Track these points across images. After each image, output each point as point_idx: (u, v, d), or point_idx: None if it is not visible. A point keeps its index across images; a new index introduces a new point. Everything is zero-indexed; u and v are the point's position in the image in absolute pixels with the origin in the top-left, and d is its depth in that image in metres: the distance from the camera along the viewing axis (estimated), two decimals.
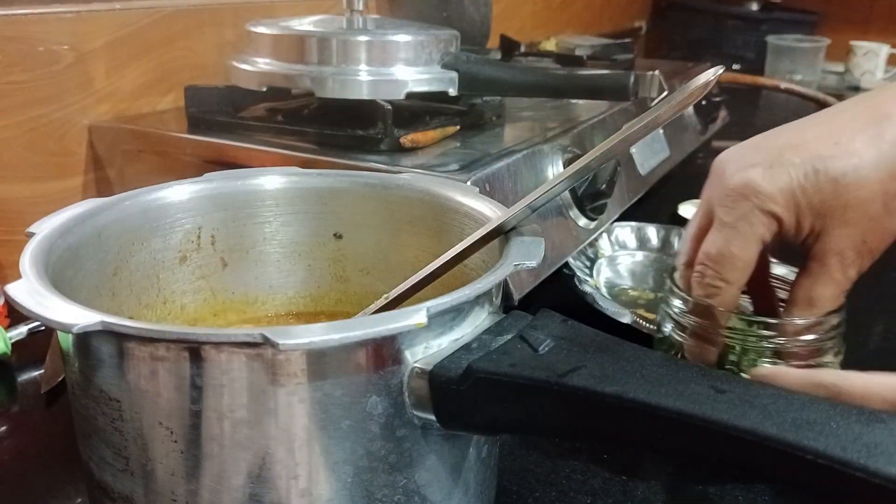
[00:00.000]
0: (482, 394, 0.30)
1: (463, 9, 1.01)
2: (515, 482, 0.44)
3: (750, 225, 0.40)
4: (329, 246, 0.48)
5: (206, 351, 0.29)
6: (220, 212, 0.45)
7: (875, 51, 1.62)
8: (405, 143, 0.61)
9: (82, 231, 0.38)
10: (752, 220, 0.40)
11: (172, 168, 0.67)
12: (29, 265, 0.33)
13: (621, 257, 0.74)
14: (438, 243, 0.42)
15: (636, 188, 0.81)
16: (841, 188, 0.38)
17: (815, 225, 0.40)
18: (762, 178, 0.39)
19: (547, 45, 1.10)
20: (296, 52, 0.65)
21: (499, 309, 0.35)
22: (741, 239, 0.40)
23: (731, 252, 0.40)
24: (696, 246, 0.43)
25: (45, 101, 0.68)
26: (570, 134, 0.70)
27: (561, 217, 0.64)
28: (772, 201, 0.39)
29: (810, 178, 0.39)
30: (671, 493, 0.44)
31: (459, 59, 0.67)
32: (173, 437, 0.30)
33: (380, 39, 0.64)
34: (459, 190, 0.44)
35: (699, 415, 0.26)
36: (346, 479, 0.31)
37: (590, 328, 0.32)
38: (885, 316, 0.67)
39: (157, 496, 0.31)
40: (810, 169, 0.39)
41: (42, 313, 0.29)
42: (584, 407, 0.29)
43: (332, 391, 0.29)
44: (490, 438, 0.36)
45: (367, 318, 0.29)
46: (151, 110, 0.76)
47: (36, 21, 0.66)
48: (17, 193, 0.67)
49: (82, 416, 0.33)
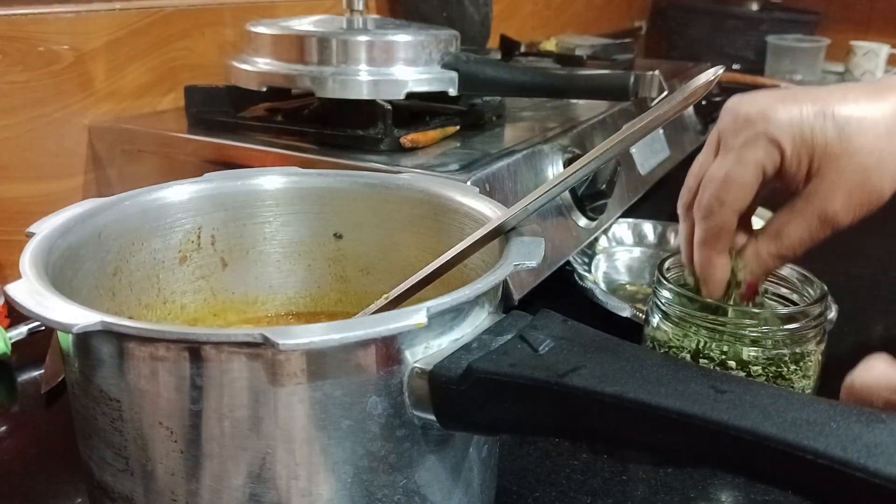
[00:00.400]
0: (482, 394, 0.30)
1: (463, 9, 1.01)
2: (515, 482, 0.44)
3: (753, 149, 0.41)
4: (329, 246, 0.48)
5: (206, 351, 0.29)
6: (220, 212, 0.45)
7: (875, 51, 1.62)
8: (405, 143, 0.61)
9: (82, 231, 0.38)
10: (757, 145, 0.41)
11: (172, 168, 0.67)
12: (29, 265, 0.33)
13: (619, 253, 0.75)
14: (438, 243, 0.42)
15: (636, 188, 0.81)
16: (844, 134, 0.41)
17: (812, 166, 0.41)
18: (774, 108, 0.41)
19: (547, 45, 1.10)
20: (296, 52, 0.65)
21: (499, 309, 0.35)
22: (743, 162, 0.42)
23: (731, 174, 0.42)
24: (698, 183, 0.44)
25: (45, 101, 0.68)
26: (570, 134, 0.70)
27: (561, 217, 0.64)
28: (779, 129, 0.41)
29: (818, 118, 0.41)
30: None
31: (459, 59, 0.67)
32: (173, 437, 0.30)
33: (380, 39, 0.64)
34: (459, 190, 0.44)
35: (699, 415, 0.26)
36: (346, 479, 0.31)
37: (590, 328, 0.32)
38: (885, 316, 0.67)
39: (157, 496, 0.31)
40: (819, 110, 0.41)
41: (42, 313, 0.29)
42: (584, 407, 0.29)
43: (332, 391, 0.29)
44: (490, 438, 0.36)
45: (367, 318, 0.29)
46: (151, 110, 0.76)
47: (36, 21, 0.66)
48: (17, 193, 0.67)
49: (82, 416, 0.33)
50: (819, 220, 0.41)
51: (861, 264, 0.74)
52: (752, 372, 0.43)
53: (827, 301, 0.44)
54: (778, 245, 0.43)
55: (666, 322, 0.46)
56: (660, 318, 0.46)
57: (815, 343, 0.44)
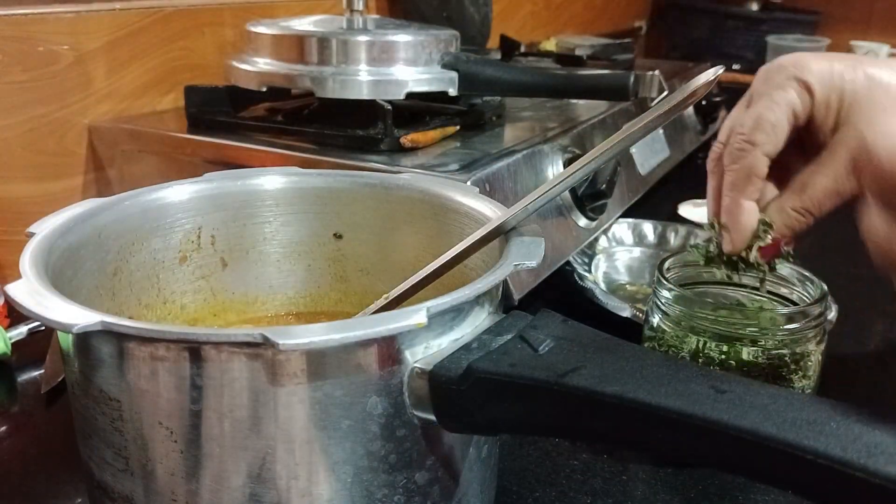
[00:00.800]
0: (482, 394, 0.30)
1: (463, 9, 1.01)
2: (515, 482, 0.44)
3: (784, 91, 0.42)
4: (329, 246, 0.48)
5: (206, 351, 0.29)
6: (220, 212, 0.45)
7: (875, 51, 1.62)
8: (405, 143, 0.61)
9: (82, 231, 0.38)
10: (788, 87, 0.42)
11: (172, 168, 0.67)
12: (29, 265, 0.33)
13: (619, 253, 0.75)
14: (438, 243, 0.42)
15: (636, 188, 0.81)
16: (874, 84, 0.41)
17: (840, 115, 0.42)
18: (806, 58, 0.43)
19: (547, 45, 1.10)
20: (296, 52, 0.65)
21: (499, 309, 0.35)
22: (774, 102, 0.42)
23: (762, 114, 0.42)
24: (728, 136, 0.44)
25: (45, 101, 0.68)
26: (570, 134, 0.70)
27: (561, 217, 0.64)
28: (810, 73, 0.42)
29: (849, 70, 0.42)
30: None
31: (459, 59, 0.67)
32: (173, 437, 0.30)
33: (380, 39, 0.64)
34: (459, 190, 0.44)
35: (699, 415, 0.26)
36: (346, 479, 0.31)
37: (590, 328, 0.32)
38: (885, 316, 0.67)
39: (157, 496, 0.31)
40: (851, 65, 0.42)
41: (42, 313, 0.29)
42: (584, 407, 0.29)
43: (332, 391, 0.29)
44: (490, 438, 0.36)
45: (367, 318, 0.29)
46: (151, 110, 0.76)
47: (36, 21, 0.66)
48: (17, 193, 0.67)
49: (82, 416, 0.33)
50: (845, 170, 0.40)
51: (861, 264, 0.74)
52: (752, 372, 0.43)
53: (827, 301, 0.44)
54: (803, 198, 0.42)
55: (666, 322, 0.46)
56: (660, 318, 0.46)
57: (815, 343, 0.44)
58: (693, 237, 0.75)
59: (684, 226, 0.77)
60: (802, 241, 0.44)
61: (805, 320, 0.43)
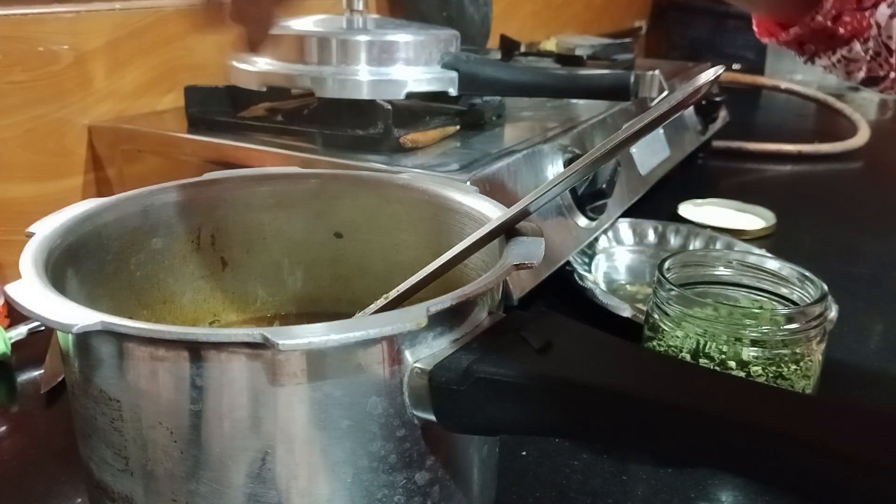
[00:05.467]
0: (482, 394, 0.30)
1: (463, 9, 1.01)
2: (515, 482, 0.44)
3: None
4: (329, 246, 0.48)
5: (205, 351, 0.28)
6: (220, 212, 0.45)
7: None
8: (405, 142, 0.61)
9: (82, 231, 0.38)
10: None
11: (172, 168, 0.67)
12: (29, 265, 0.33)
13: (619, 253, 0.75)
14: (438, 243, 0.42)
15: (636, 188, 0.81)
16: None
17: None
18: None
19: (547, 45, 1.10)
20: (296, 51, 0.65)
21: (499, 309, 0.35)
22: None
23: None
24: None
25: (45, 101, 0.68)
26: (570, 134, 0.70)
27: (561, 217, 0.64)
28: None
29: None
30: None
31: (459, 59, 0.67)
32: (173, 437, 0.30)
33: (380, 39, 0.64)
34: (459, 190, 0.44)
35: (700, 413, 0.26)
36: (346, 479, 0.31)
37: (590, 328, 0.32)
38: (885, 316, 0.67)
39: (157, 496, 0.31)
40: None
41: (42, 313, 0.29)
42: (584, 407, 0.29)
43: (331, 391, 0.29)
44: (490, 438, 0.36)
45: (367, 318, 0.29)
46: (151, 110, 0.76)
47: (36, 21, 0.66)
48: (17, 193, 0.67)
49: (82, 416, 0.33)
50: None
51: (861, 264, 0.74)
52: (752, 372, 0.43)
53: (827, 301, 0.44)
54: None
55: (666, 322, 0.46)
56: (659, 318, 0.46)
57: (815, 343, 0.44)
58: (693, 237, 0.75)
59: (684, 226, 0.77)
60: (803, 241, 0.45)
61: (805, 320, 0.43)
